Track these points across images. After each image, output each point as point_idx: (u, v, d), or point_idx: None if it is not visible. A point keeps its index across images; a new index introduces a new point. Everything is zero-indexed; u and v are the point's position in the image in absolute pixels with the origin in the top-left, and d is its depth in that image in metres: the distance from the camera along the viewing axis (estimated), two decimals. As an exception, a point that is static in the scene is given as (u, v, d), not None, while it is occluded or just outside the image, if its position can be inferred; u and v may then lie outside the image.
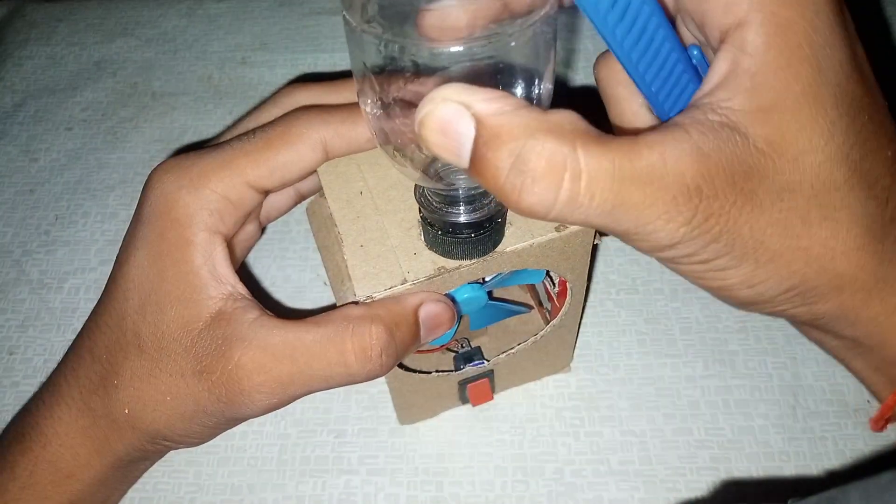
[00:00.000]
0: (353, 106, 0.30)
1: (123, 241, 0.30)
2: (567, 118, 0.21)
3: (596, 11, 0.21)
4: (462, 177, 0.26)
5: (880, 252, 0.23)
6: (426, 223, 0.28)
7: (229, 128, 0.32)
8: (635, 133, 0.22)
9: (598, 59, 0.27)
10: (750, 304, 0.24)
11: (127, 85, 0.55)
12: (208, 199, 0.28)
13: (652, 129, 0.22)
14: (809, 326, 0.26)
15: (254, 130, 0.29)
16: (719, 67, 0.23)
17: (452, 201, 0.27)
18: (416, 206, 0.29)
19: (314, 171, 0.30)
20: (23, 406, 0.34)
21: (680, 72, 0.24)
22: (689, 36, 0.25)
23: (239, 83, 0.55)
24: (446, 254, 0.28)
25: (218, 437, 0.31)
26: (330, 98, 0.32)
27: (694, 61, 0.25)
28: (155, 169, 0.29)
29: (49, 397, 0.30)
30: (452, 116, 0.20)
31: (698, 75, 0.25)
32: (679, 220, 0.21)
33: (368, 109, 0.25)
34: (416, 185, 0.29)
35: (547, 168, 0.20)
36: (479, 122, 0.20)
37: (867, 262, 0.23)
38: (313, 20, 0.59)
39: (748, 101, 0.22)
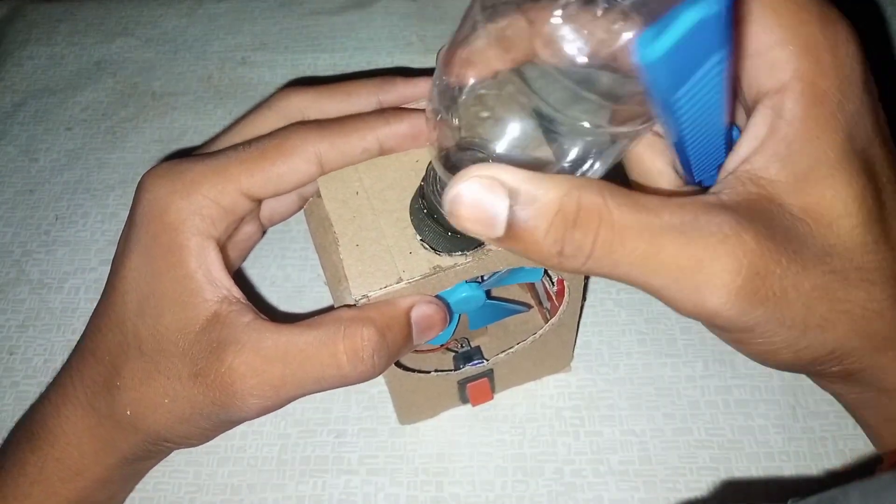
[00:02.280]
0: (348, 119, 0.30)
1: (119, 244, 0.30)
2: (594, 181, 0.22)
3: (667, 95, 0.19)
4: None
5: None
6: (424, 212, 0.28)
7: (225, 130, 0.33)
8: (658, 193, 0.23)
9: None
10: (789, 366, 0.25)
11: (127, 85, 0.55)
12: (200, 204, 0.28)
13: (683, 193, 0.23)
14: (841, 381, 0.26)
15: (249, 141, 0.30)
16: (756, 131, 0.23)
17: None
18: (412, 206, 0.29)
19: (308, 183, 0.31)
20: (31, 405, 0.34)
21: (720, 140, 0.24)
22: None
23: (239, 83, 0.55)
24: (440, 248, 0.28)
25: (218, 437, 0.31)
26: (325, 101, 0.32)
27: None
28: (147, 173, 0.29)
29: (55, 397, 0.31)
30: (486, 189, 0.21)
31: (729, 140, 0.25)
32: (722, 285, 0.21)
33: (434, 111, 0.24)
34: (427, 168, 0.28)
35: (584, 217, 0.21)
36: (513, 192, 0.21)
37: None
38: (313, 20, 0.58)
39: (784, 168, 0.22)
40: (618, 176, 0.25)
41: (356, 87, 0.32)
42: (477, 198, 0.21)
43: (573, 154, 0.23)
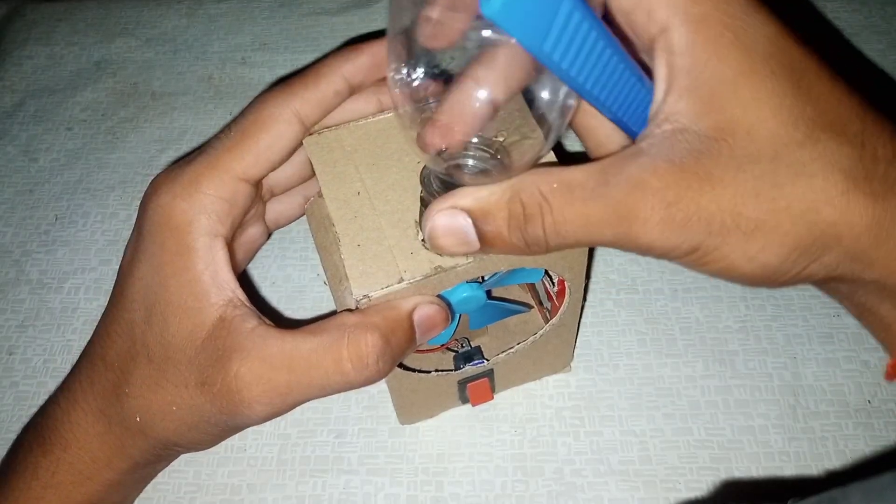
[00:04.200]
0: (310, 69, 0.31)
1: (125, 255, 0.31)
2: (528, 177, 0.25)
3: (534, 45, 0.21)
4: (469, 160, 0.27)
5: (870, 191, 0.23)
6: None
7: (218, 135, 0.33)
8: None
9: None
10: (761, 277, 0.25)
11: (127, 85, 0.55)
12: (203, 202, 0.29)
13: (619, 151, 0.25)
14: (833, 283, 0.26)
15: (228, 125, 0.30)
16: (659, 73, 0.24)
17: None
18: (414, 206, 0.29)
19: (300, 146, 0.31)
20: (40, 407, 0.34)
21: (637, 89, 0.25)
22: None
23: (239, 83, 0.55)
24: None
25: (218, 437, 0.31)
26: (302, 93, 0.32)
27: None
28: (150, 184, 0.30)
29: (66, 402, 0.31)
30: (451, 218, 0.25)
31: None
32: (646, 223, 0.23)
33: (394, 74, 0.25)
34: (422, 172, 0.29)
35: (529, 213, 0.24)
36: (471, 212, 0.25)
37: (856, 204, 0.23)
38: (313, 20, 0.58)
39: (690, 98, 0.23)
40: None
41: (325, 68, 0.32)
42: (446, 226, 0.25)
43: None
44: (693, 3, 0.23)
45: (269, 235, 0.35)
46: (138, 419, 0.29)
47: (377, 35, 0.27)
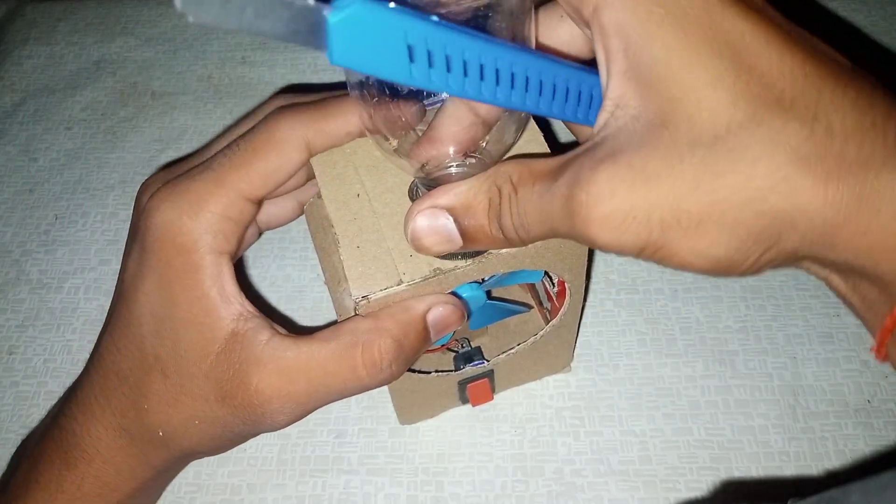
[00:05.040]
0: (328, 101, 0.30)
1: (127, 267, 0.30)
2: (502, 167, 0.25)
3: (400, 76, 0.20)
4: (452, 170, 0.27)
5: (821, 171, 0.21)
6: None
7: (218, 137, 0.32)
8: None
9: None
10: (716, 270, 0.23)
11: (127, 85, 0.55)
12: (210, 221, 0.28)
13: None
14: (803, 265, 0.24)
15: (237, 141, 0.30)
16: (599, 56, 0.23)
17: None
18: None
19: (301, 168, 0.31)
20: (51, 418, 0.34)
21: (580, 80, 0.25)
22: None
23: (239, 83, 0.55)
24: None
25: (217, 438, 0.31)
26: (321, 124, 0.31)
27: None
28: (150, 197, 0.29)
29: (84, 418, 0.31)
30: (432, 218, 0.26)
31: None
32: (587, 221, 0.23)
33: (359, 95, 0.26)
34: (410, 185, 0.29)
35: (504, 205, 0.25)
36: (451, 209, 0.26)
37: (806, 187, 0.21)
38: (313, 20, 0.58)
39: (630, 82, 0.22)
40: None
41: (346, 105, 0.31)
42: (428, 226, 0.26)
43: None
44: None
45: (260, 235, 0.35)
46: (161, 433, 0.30)
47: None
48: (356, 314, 0.28)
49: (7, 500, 0.32)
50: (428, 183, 0.27)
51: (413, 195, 0.29)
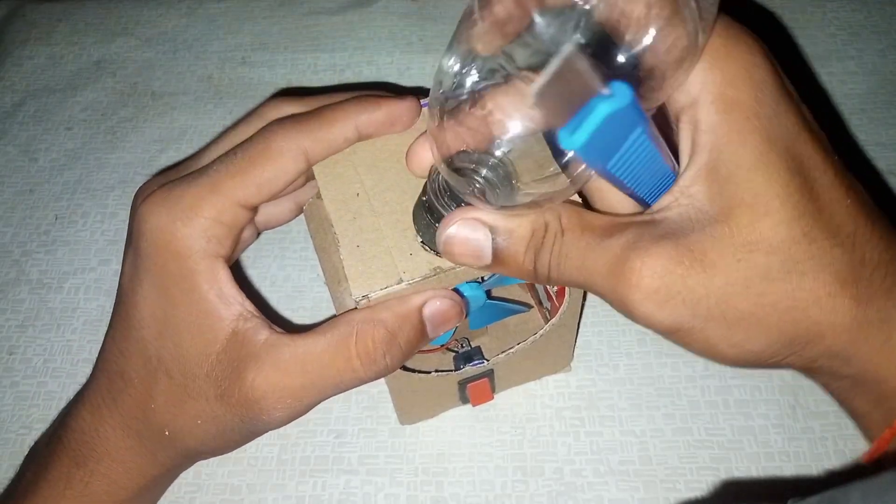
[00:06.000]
0: (327, 110, 0.30)
1: (125, 271, 0.31)
2: (554, 210, 0.25)
3: (600, 166, 0.22)
4: (483, 172, 0.26)
5: (855, 295, 0.24)
6: (428, 218, 0.28)
7: (215, 141, 0.33)
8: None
9: None
10: (741, 362, 0.25)
11: (127, 85, 0.55)
12: (203, 226, 0.29)
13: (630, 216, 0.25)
14: (810, 372, 0.27)
15: (234, 150, 0.30)
16: (682, 145, 0.25)
17: (459, 201, 0.27)
18: (412, 208, 0.29)
19: (297, 178, 0.31)
20: (59, 419, 0.34)
21: (663, 171, 0.25)
22: None
23: (239, 83, 0.55)
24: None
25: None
26: (315, 132, 0.31)
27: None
28: (144, 201, 0.29)
29: (91, 418, 0.32)
30: (471, 229, 0.26)
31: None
32: (631, 287, 0.24)
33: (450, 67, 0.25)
34: (429, 175, 0.28)
35: (546, 241, 0.25)
36: (492, 228, 0.26)
37: (842, 306, 0.24)
38: (313, 20, 0.58)
39: (707, 177, 0.24)
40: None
41: (341, 113, 0.31)
42: (465, 236, 0.26)
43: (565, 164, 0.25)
44: (728, 86, 0.24)
45: (259, 235, 0.35)
46: (167, 433, 0.30)
47: (376, 35, 0.27)
48: None
49: (16, 498, 0.32)
50: (458, 166, 0.26)
51: (435, 187, 0.27)
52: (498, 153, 0.26)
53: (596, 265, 0.24)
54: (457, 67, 0.25)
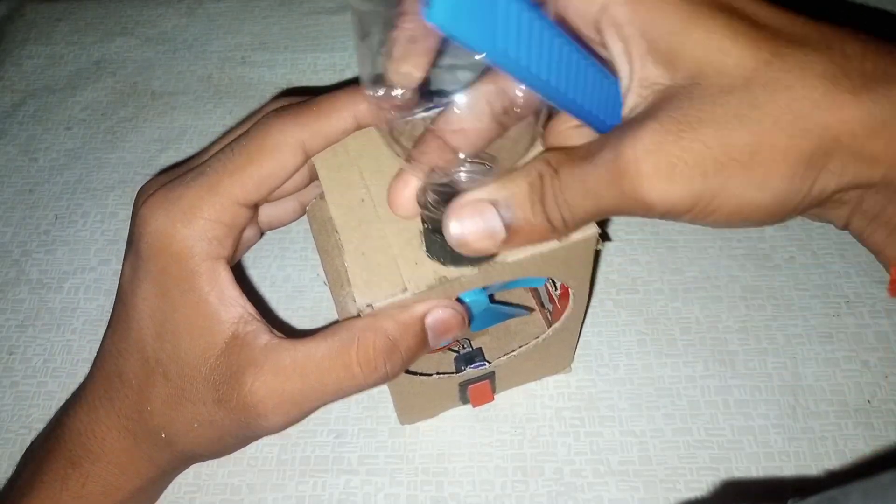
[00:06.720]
0: (323, 102, 0.30)
1: (124, 271, 0.31)
2: (540, 159, 0.25)
3: (485, 46, 0.21)
4: (462, 174, 0.27)
5: (851, 87, 0.23)
6: (429, 229, 0.28)
7: (215, 143, 0.32)
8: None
9: None
10: (775, 206, 0.24)
11: (126, 85, 0.55)
12: (203, 228, 0.29)
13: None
14: (844, 194, 0.25)
15: (231, 146, 0.30)
16: (615, 49, 0.25)
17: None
18: (419, 215, 0.29)
19: (298, 171, 0.31)
20: (56, 419, 0.34)
21: (601, 80, 0.25)
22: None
23: (239, 83, 0.55)
24: (449, 261, 0.28)
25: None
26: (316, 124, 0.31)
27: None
28: (144, 202, 0.29)
29: (88, 419, 0.32)
30: (477, 212, 0.25)
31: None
32: (637, 176, 0.23)
33: (372, 94, 0.25)
34: (418, 190, 0.29)
35: (546, 191, 0.25)
36: (494, 203, 0.25)
37: (842, 101, 0.22)
38: (313, 20, 0.58)
39: (652, 59, 0.24)
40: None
41: (339, 103, 0.31)
42: (472, 222, 0.25)
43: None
44: None
45: (262, 235, 0.35)
46: (163, 436, 0.30)
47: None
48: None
49: (12, 498, 0.32)
50: (438, 189, 0.27)
51: (426, 203, 0.28)
52: (464, 155, 0.27)
53: (598, 182, 0.24)
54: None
